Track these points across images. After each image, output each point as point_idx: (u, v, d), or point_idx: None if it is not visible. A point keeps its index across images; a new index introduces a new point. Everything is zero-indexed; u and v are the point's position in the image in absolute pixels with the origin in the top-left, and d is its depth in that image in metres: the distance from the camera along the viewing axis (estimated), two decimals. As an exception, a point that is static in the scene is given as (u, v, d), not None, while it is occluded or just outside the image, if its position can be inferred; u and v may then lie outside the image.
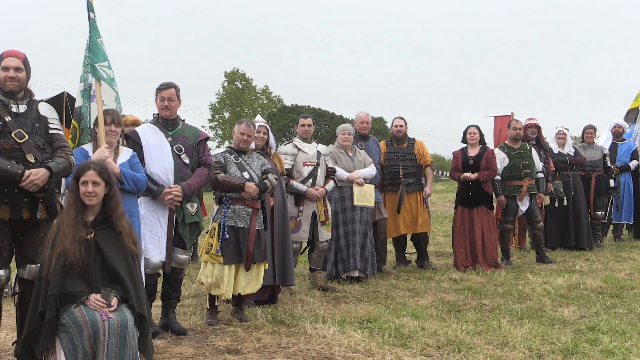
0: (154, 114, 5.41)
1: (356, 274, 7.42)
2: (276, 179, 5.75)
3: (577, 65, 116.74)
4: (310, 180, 6.90)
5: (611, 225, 10.97)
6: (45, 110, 4.28)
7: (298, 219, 6.81)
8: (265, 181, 5.63)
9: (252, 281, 5.57)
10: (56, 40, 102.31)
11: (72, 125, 5.34)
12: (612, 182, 10.31)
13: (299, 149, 7.02)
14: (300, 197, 6.85)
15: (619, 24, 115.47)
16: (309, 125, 7.15)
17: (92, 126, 4.93)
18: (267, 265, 5.78)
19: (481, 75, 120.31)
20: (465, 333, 4.95)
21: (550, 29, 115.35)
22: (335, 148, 7.60)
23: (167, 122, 5.28)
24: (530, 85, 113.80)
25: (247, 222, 5.49)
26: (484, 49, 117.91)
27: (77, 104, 5.25)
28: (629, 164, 10.61)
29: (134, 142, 5.10)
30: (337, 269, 7.43)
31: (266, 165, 5.78)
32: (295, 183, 6.84)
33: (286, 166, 6.83)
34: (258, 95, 62.07)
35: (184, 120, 5.44)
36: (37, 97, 4.36)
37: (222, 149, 5.76)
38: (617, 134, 10.85)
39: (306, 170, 6.93)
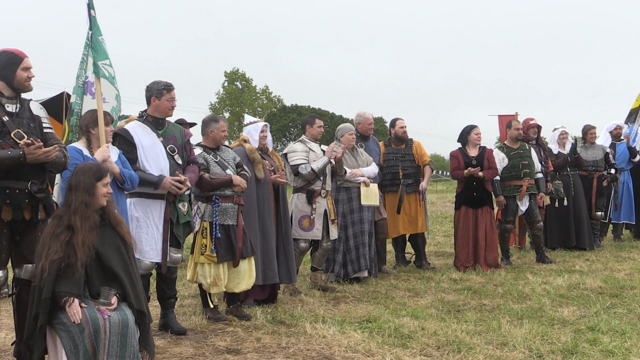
0: (141, 112, 5.31)
1: (365, 274, 7.38)
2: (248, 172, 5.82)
3: (577, 65, 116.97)
4: (321, 178, 6.90)
5: (611, 225, 10.96)
6: (37, 109, 4.26)
7: (312, 217, 6.78)
8: (243, 172, 5.71)
9: (245, 277, 5.59)
10: (56, 40, 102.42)
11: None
12: (612, 171, 10.27)
13: (309, 148, 7.03)
14: (312, 195, 6.82)
15: (619, 24, 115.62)
16: (322, 127, 7.20)
17: (80, 124, 4.81)
18: (255, 258, 5.78)
19: (480, 75, 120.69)
20: (465, 333, 4.95)
21: (550, 29, 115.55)
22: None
23: (157, 121, 5.21)
24: (530, 85, 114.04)
25: (235, 219, 5.54)
26: (484, 49, 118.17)
27: (71, 100, 5.19)
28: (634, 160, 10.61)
29: (126, 140, 5.00)
30: (346, 270, 7.34)
31: (237, 158, 5.83)
32: (314, 163, 6.80)
33: (298, 161, 6.82)
34: (258, 95, 62.18)
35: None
36: (37, 97, 4.36)
37: (198, 150, 5.66)
38: (617, 136, 10.84)
39: None
